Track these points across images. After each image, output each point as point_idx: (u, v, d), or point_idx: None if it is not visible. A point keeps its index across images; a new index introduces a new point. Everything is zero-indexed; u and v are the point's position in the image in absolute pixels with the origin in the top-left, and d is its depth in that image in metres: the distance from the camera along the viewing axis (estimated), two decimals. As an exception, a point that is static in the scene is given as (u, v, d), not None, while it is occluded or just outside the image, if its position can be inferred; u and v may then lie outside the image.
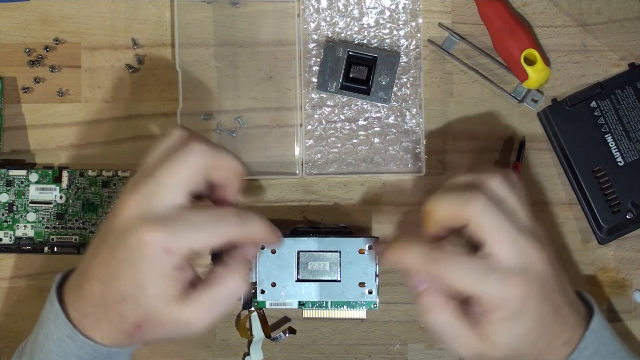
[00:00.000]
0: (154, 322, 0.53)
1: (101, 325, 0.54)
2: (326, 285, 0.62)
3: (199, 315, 0.53)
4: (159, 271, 0.52)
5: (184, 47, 0.70)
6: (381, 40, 0.69)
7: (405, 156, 0.69)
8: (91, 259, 0.54)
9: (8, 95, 0.70)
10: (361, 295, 0.62)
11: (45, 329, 0.55)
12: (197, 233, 0.52)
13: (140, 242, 0.51)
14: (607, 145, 0.68)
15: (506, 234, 0.54)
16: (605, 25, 0.70)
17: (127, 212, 0.53)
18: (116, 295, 0.53)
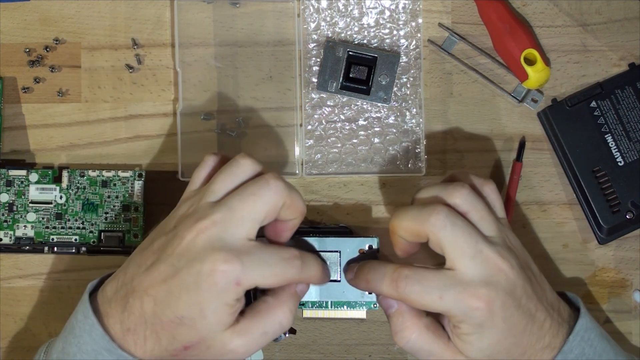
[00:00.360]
0: (204, 347, 0.54)
1: (147, 343, 0.54)
2: (326, 285, 0.62)
3: (247, 345, 0.55)
4: (224, 300, 0.53)
5: (184, 47, 0.70)
6: (381, 40, 0.69)
7: (405, 156, 0.69)
8: (142, 275, 0.54)
9: (8, 95, 0.70)
10: (361, 295, 0.62)
11: (79, 339, 0.55)
12: (266, 271, 0.54)
13: (214, 271, 0.52)
14: (607, 145, 0.68)
15: (465, 247, 0.55)
16: (605, 25, 0.70)
17: (198, 237, 0.53)
18: (173, 316, 0.53)
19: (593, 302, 0.70)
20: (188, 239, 0.54)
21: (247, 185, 0.56)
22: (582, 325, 0.57)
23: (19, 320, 0.70)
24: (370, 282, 0.58)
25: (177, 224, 0.56)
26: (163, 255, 0.54)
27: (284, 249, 0.56)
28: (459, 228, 0.55)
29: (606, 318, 0.70)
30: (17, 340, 0.70)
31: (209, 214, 0.54)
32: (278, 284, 0.55)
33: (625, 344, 0.70)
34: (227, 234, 0.54)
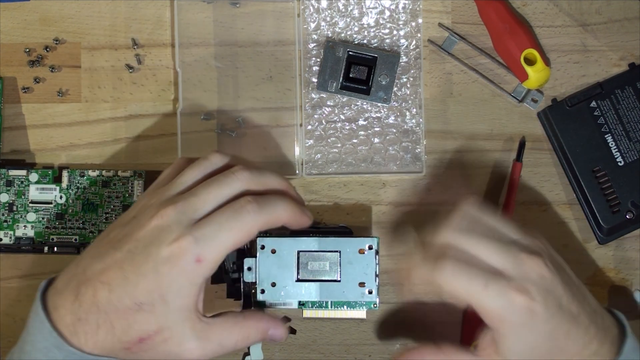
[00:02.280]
0: (159, 340, 0.53)
1: (99, 332, 0.52)
2: (326, 285, 0.62)
3: (202, 349, 0.54)
4: (186, 283, 0.52)
5: (184, 47, 0.70)
6: (381, 40, 0.69)
7: (405, 156, 0.69)
8: (95, 262, 0.54)
9: (8, 95, 0.70)
10: (361, 295, 0.62)
11: (32, 337, 0.54)
12: (222, 234, 0.52)
13: (170, 252, 0.51)
14: (607, 145, 0.68)
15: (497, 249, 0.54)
16: (605, 25, 0.70)
17: (158, 222, 0.53)
18: (131, 302, 0.52)
19: (593, 302, 0.70)
20: (148, 226, 0.53)
21: (214, 177, 0.55)
22: (630, 346, 0.56)
23: (19, 320, 0.70)
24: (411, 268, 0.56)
25: (137, 214, 0.55)
26: (119, 244, 0.53)
27: (237, 200, 0.54)
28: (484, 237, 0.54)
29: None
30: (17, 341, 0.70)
31: (173, 201, 0.53)
32: (243, 240, 0.53)
33: None
34: (185, 216, 0.53)
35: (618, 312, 0.59)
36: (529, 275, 0.53)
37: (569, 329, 0.54)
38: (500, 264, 0.54)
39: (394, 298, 0.70)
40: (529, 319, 0.53)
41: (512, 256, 0.54)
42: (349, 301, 0.63)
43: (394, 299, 0.70)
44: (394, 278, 0.60)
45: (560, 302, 0.54)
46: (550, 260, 0.55)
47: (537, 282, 0.53)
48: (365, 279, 0.63)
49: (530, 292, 0.53)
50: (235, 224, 0.53)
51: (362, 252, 0.63)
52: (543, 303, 0.53)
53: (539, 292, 0.53)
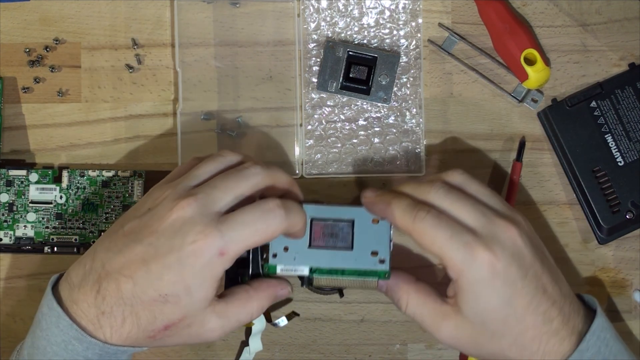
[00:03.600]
0: (183, 325, 0.54)
1: (125, 324, 0.53)
2: (338, 253, 0.61)
3: (223, 328, 0.56)
4: (209, 275, 0.53)
5: (184, 47, 0.70)
6: (381, 40, 0.69)
7: (405, 156, 0.69)
8: (115, 257, 0.54)
9: (8, 95, 0.70)
10: (373, 264, 0.61)
11: (46, 332, 0.55)
12: (247, 231, 0.54)
13: (195, 246, 0.52)
14: (607, 145, 0.68)
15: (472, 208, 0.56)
16: (605, 25, 0.70)
17: (179, 215, 0.53)
18: (156, 295, 0.53)
19: (593, 302, 0.70)
20: (168, 218, 0.53)
21: (230, 170, 0.57)
22: (599, 324, 0.56)
23: (19, 320, 0.70)
24: (391, 206, 0.58)
25: (151, 206, 0.55)
26: (138, 236, 0.54)
27: (264, 201, 0.55)
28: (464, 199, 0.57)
29: (608, 318, 0.70)
30: (17, 341, 0.70)
31: (191, 193, 0.54)
32: (266, 240, 0.55)
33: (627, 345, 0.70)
34: (207, 208, 0.54)
35: (589, 297, 0.60)
36: (499, 237, 0.55)
37: (531, 301, 0.55)
38: (473, 222, 0.56)
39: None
40: (489, 277, 0.54)
41: (486, 218, 0.56)
42: (360, 269, 0.62)
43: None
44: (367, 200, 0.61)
45: (528, 272, 0.55)
46: (527, 235, 0.57)
47: (505, 245, 0.55)
48: (378, 248, 0.62)
49: (495, 251, 0.54)
50: (261, 225, 0.54)
51: (376, 222, 0.62)
52: (506, 265, 0.54)
53: (504, 254, 0.55)
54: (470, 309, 0.55)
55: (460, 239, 0.54)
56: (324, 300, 0.70)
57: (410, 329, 0.70)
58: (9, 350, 0.70)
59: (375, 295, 0.70)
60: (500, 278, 0.54)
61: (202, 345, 0.70)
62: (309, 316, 0.70)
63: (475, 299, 0.55)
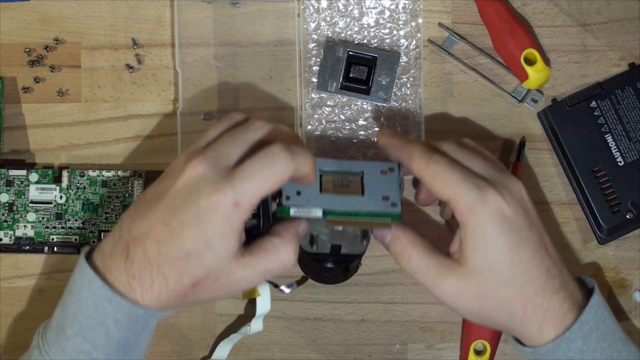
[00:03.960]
0: (211, 280, 0.55)
1: (154, 286, 0.54)
2: (350, 198, 0.61)
3: (251, 278, 0.56)
4: (227, 227, 0.54)
5: (184, 47, 0.70)
6: (381, 40, 0.69)
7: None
8: (138, 222, 0.55)
9: (8, 95, 0.70)
10: (385, 207, 0.61)
11: (77, 297, 0.56)
12: (257, 180, 0.54)
13: (210, 201, 0.53)
14: (607, 145, 0.68)
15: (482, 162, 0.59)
16: (605, 25, 0.70)
17: (191, 174, 0.55)
18: (179, 253, 0.54)
19: (593, 302, 0.70)
20: (182, 178, 0.55)
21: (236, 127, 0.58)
22: (597, 301, 0.57)
23: (19, 320, 0.70)
24: (404, 149, 0.59)
25: (167, 172, 0.57)
26: (158, 200, 0.55)
27: (268, 147, 0.56)
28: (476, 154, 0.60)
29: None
30: (17, 341, 0.70)
31: (201, 152, 0.56)
32: (276, 185, 0.55)
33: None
34: (217, 164, 0.55)
35: (586, 277, 0.61)
36: (509, 187, 0.57)
37: (536, 252, 0.56)
38: (484, 172, 0.58)
39: (394, 298, 0.70)
40: (498, 219, 0.56)
41: (497, 171, 0.58)
42: (373, 211, 0.61)
43: (394, 299, 0.70)
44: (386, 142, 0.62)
45: (532, 224, 0.57)
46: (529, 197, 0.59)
47: (515, 194, 0.57)
48: (389, 194, 0.62)
49: (505, 196, 0.56)
50: (269, 171, 0.55)
51: (384, 173, 0.62)
52: (515, 211, 0.56)
53: (513, 200, 0.57)
54: (479, 253, 0.56)
55: (472, 181, 0.56)
56: (324, 301, 0.70)
57: (410, 329, 0.70)
58: (9, 350, 0.70)
59: (375, 295, 0.70)
60: (508, 222, 0.56)
61: (202, 346, 0.70)
62: (309, 316, 0.70)
63: (484, 242, 0.56)
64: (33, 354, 0.57)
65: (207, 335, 0.70)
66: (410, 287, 0.70)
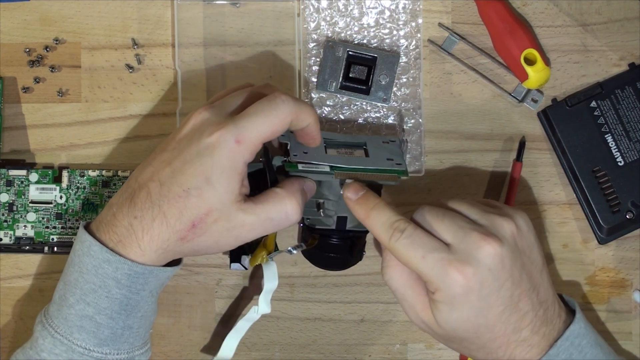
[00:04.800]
0: (211, 220, 0.55)
1: (154, 225, 0.55)
2: (356, 158, 0.61)
3: (252, 224, 0.56)
4: (228, 164, 0.54)
5: (184, 47, 0.70)
6: (381, 40, 0.69)
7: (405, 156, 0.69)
8: (145, 168, 0.57)
9: (8, 95, 0.70)
10: (390, 165, 0.62)
11: (78, 265, 0.57)
12: (260, 119, 0.55)
13: (212, 138, 0.54)
14: (607, 145, 0.68)
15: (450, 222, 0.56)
16: (605, 25, 0.70)
17: (195, 119, 0.56)
18: (180, 190, 0.55)
19: (593, 302, 0.70)
20: (188, 125, 0.56)
21: None
22: (573, 331, 0.57)
23: (19, 320, 0.70)
24: (370, 218, 0.58)
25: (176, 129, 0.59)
26: (165, 147, 0.57)
27: (273, 93, 0.57)
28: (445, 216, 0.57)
29: (606, 318, 0.70)
30: (17, 341, 0.70)
31: (209, 104, 0.57)
32: (278, 128, 0.56)
33: (625, 344, 0.70)
34: (222, 110, 0.57)
35: (570, 299, 0.60)
36: (473, 253, 0.55)
37: (503, 311, 0.56)
38: (450, 237, 0.56)
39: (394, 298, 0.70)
40: (462, 292, 0.55)
41: (463, 233, 0.56)
42: (380, 168, 0.62)
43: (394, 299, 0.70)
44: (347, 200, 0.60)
45: (503, 285, 0.55)
46: (507, 241, 0.56)
47: (480, 259, 0.55)
48: (393, 157, 0.63)
49: (469, 268, 0.54)
50: (270, 111, 0.56)
51: (386, 143, 0.63)
52: (481, 281, 0.55)
53: (478, 270, 0.55)
54: (443, 319, 0.56)
55: (434, 257, 0.55)
56: (324, 301, 0.70)
57: (410, 329, 0.70)
58: (9, 350, 0.70)
59: (376, 295, 0.70)
60: (474, 293, 0.55)
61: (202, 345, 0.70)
62: (309, 316, 0.70)
63: (449, 312, 0.56)
64: (36, 330, 0.58)
65: (207, 335, 0.70)
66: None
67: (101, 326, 0.56)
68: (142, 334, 0.59)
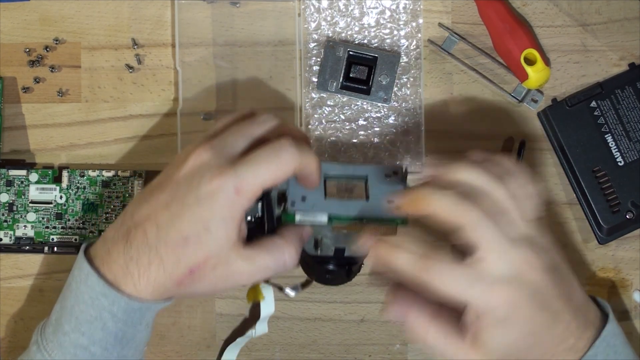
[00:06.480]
0: (209, 267, 0.54)
1: (151, 268, 0.54)
2: (355, 203, 0.60)
3: (250, 272, 0.55)
4: (226, 213, 0.54)
5: (184, 47, 0.70)
6: (381, 40, 0.69)
7: (405, 156, 0.69)
8: (141, 207, 0.55)
9: (8, 95, 0.70)
10: (390, 211, 0.61)
11: (75, 292, 0.56)
12: (261, 168, 0.54)
13: (212, 185, 0.53)
14: (607, 145, 0.68)
15: (497, 245, 0.53)
16: (605, 25, 0.70)
17: (195, 160, 0.55)
18: (178, 236, 0.54)
19: (593, 302, 0.70)
20: (187, 166, 0.55)
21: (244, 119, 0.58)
22: (609, 331, 0.56)
23: (19, 320, 0.70)
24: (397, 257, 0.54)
25: (173, 161, 0.57)
26: (162, 186, 0.56)
27: (276, 140, 0.56)
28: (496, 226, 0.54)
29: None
30: (17, 340, 0.70)
31: (208, 142, 0.56)
32: (279, 177, 0.55)
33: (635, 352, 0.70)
34: (222, 152, 0.55)
35: (603, 302, 0.60)
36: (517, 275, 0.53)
37: (549, 327, 0.55)
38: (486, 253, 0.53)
39: (394, 298, 0.70)
40: (510, 317, 0.53)
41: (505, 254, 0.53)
42: (378, 216, 0.60)
43: (394, 299, 0.70)
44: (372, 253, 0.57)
45: (545, 303, 0.54)
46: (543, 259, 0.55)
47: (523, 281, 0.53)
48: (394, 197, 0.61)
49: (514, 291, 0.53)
50: (273, 160, 0.55)
51: (389, 176, 0.62)
52: (526, 303, 0.53)
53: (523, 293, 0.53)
54: (493, 345, 0.54)
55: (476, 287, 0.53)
56: (324, 301, 0.70)
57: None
58: (9, 350, 0.70)
59: (376, 295, 0.70)
60: (521, 316, 0.53)
61: (202, 346, 0.70)
62: (309, 316, 0.70)
63: (499, 336, 0.54)
64: (32, 350, 0.58)
65: (207, 335, 0.70)
66: (410, 287, 0.70)
67: (95, 356, 0.56)
68: (137, 357, 0.59)
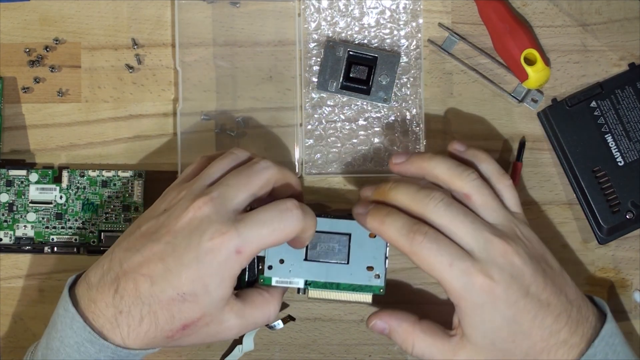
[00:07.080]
0: (202, 324, 0.54)
1: (142, 324, 0.53)
2: (334, 267, 0.61)
3: (240, 327, 0.56)
4: (226, 273, 0.53)
5: (184, 47, 0.70)
6: (382, 40, 0.69)
7: (405, 156, 0.69)
8: (132, 255, 0.54)
9: (8, 95, 0.70)
10: (368, 279, 0.62)
11: (60, 333, 0.55)
12: (264, 231, 0.54)
13: (213, 243, 0.53)
14: (607, 145, 0.68)
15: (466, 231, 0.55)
16: (605, 25, 0.70)
17: (196, 214, 0.54)
18: (174, 294, 0.53)
19: (593, 302, 0.70)
20: (185, 217, 0.54)
21: (241, 167, 0.57)
22: (608, 330, 0.57)
23: (19, 320, 0.70)
24: (385, 224, 0.57)
25: (167, 207, 0.56)
26: (156, 235, 0.54)
27: (282, 201, 0.56)
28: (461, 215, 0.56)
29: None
30: (17, 340, 0.70)
31: (206, 192, 0.55)
32: (281, 240, 0.55)
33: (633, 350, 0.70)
34: (223, 207, 0.54)
35: (600, 301, 0.60)
36: (496, 260, 0.55)
37: (535, 316, 0.55)
38: (471, 244, 0.55)
39: (394, 298, 0.70)
40: (489, 300, 0.54)
41: (484, 238, 0.55)
42: (355, 284, 0.62)
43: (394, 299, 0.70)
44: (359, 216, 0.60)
45: (528, 289, 0.55)
46: (525, 249, 0.56)
47: (503, 266, 0.55)
48: (374, 264, 0.62)
49: (494, 275, 0.54)
50: (278, 225, 0.55)
51: (373, 237, 0.62)
52: (506, 287, 0.54)
53: (502, 277, 0.55)
54: (477, 332, 0.56)
55: (459, 267, 0.54)
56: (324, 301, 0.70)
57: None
58: (8, 350, 0.70)
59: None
60: (501, 300, 0.54)
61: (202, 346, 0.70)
62: (308, 316, 0.70)
63: (481, 322, 0.55)
64: None
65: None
66: (410, 286, 0.70)
67: None
68: None
